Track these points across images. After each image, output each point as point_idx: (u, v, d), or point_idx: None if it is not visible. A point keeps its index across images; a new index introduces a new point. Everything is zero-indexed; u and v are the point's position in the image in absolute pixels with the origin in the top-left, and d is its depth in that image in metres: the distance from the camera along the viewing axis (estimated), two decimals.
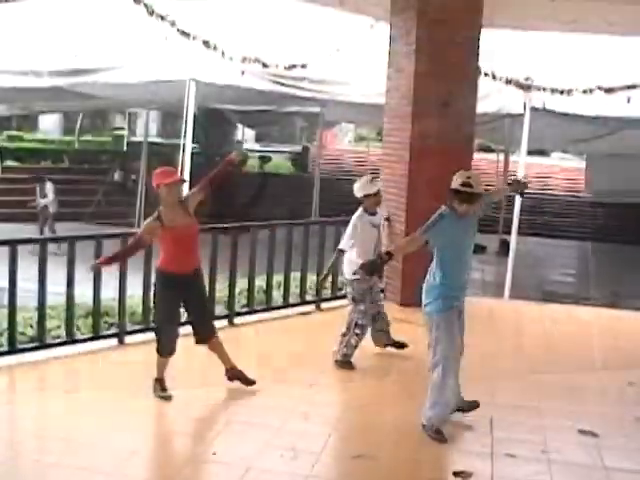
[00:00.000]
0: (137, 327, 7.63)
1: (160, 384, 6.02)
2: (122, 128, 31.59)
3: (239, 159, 6.26)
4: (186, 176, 12.36)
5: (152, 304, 6.54)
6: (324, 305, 9.30)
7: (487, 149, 25.59)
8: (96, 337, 7.33)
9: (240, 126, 30.42)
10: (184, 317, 6.42)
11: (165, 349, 6.04)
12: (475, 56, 9.36)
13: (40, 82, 12.79)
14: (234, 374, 6.23)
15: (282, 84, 12.36)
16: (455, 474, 4.96)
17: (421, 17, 9.08)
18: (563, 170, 29.77)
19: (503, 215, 18.53)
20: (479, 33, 9.29)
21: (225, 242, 8.19)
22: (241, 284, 8.65)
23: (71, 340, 7.20)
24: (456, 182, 5.49)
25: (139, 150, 21.81)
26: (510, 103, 12.95)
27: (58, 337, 7.20)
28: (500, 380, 6.90)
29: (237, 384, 6.22)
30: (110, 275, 7.13)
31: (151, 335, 6.46)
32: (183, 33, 10.45)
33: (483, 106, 12.58)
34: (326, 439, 5.41)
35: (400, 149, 9.47)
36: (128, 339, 7.44)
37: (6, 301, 6.78)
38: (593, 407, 6.39)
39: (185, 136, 12.55)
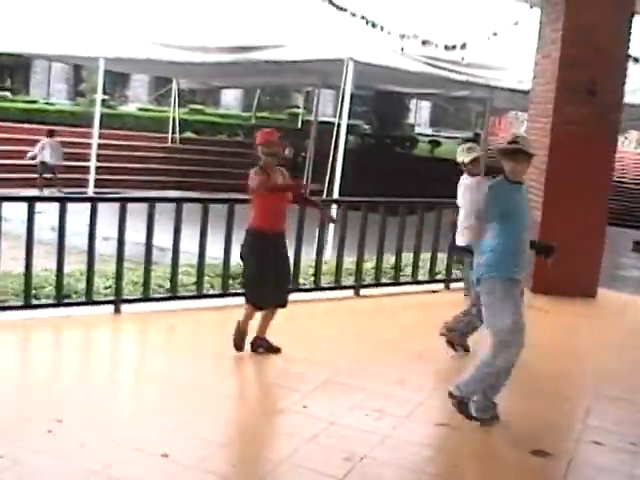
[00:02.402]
0: None
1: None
2: (298, 106, 32.44)
3: (324, 219, 7.03)
4: (340, 155, 12.75)
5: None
6: (453, 285, 9.44)
7: None
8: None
9: (414, 109, 30.70)
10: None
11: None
12: (625, 43, 9.14)
13: (207, 57, 13.52)
14: (260, 342, 6.45)
15: (438, 67, 12.39)
16: (533, 452, 5.05)
17: (570, 2, 8.97)
18: None
19: None
20: (631, 19, 9.07)
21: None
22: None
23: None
24: (504, 142, 5.44)
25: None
26: None
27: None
28: (613, 372, 6.86)
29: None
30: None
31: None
32: (340, 8, 10.73)
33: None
34: (415, 406, 5.62)
35: (542, 136, 9.41)
36: None
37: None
38: None
39: (341, 115, 12.93)
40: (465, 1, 11.77)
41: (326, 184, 12.48)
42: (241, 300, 6.68)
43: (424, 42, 10.93)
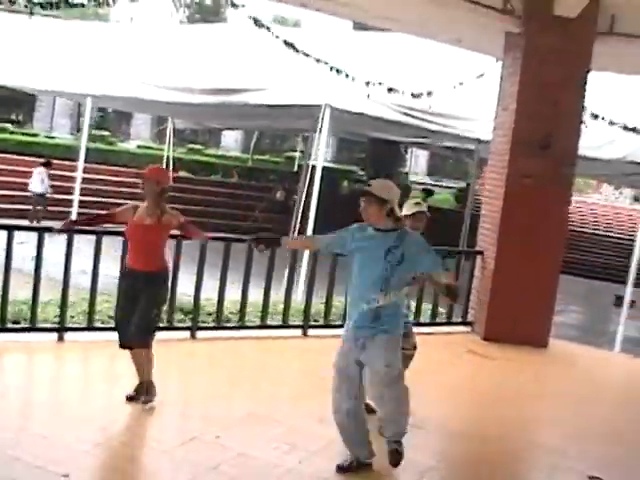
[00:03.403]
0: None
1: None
2: (295, 150, 32.82)
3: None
4: (314, 198, 13.00)
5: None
6: None
7: None
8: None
9: (410, 158, 31.02)
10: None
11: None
12: (580, 98, 9.39)
13: (192, 99, 13.82)
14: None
15: (408, 114, 12.62)
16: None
17: (528, 57, 9.24)
18: None
19: None
20: (586, 76, 9.33)
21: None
22: None
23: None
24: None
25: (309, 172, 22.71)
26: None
27: None
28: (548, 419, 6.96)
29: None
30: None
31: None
32: (306, 55, 11.01)
33: (608, 152, 12.40)
34: (328, 442, 5.73)
35: (498, 186, 9.62)
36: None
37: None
38: None
39: (317, 159, 13.20)
40: (429, 51, 12.03)
41: (296, 225, 12.70)
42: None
43: (390, 89, 11.15)
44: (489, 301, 9.64)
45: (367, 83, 11.02)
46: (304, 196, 16.19)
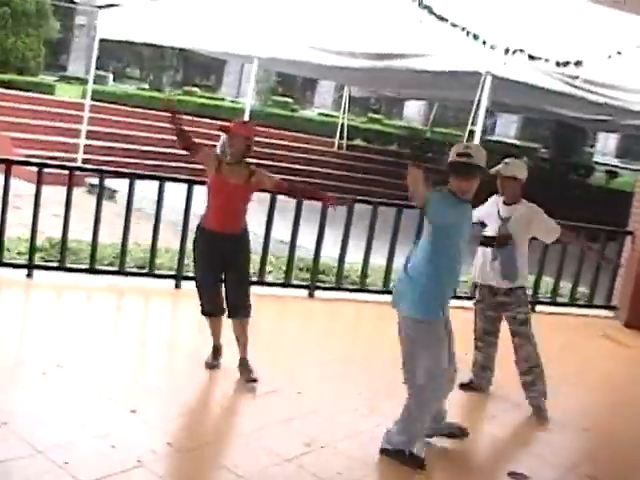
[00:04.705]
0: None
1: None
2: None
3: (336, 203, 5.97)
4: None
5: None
6: None
7: None
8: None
9: (598, 139, 29.62)
10: None
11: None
12: None
13: (353, 63, 13.75)
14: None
15: (574, 86, 11.88)
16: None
17: None
18: None
19: None
20: None
21: None
22: None
23: None
24: (453, 154, 4.63)
25: (486, 147, 22.21)
26: None
27: None
28: None
29: None
30: None
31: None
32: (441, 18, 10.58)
33: None
34: None
35: None
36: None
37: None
38: None
39: (472, 130, 12.79)
40: (578, 17, 11.09)
41: None
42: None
43: (531, 57, 10.45)
44: (634, 285, 9.01)
45: (506, 50, 10.42)
46: None
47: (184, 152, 5.60)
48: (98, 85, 21.41)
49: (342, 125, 23.69)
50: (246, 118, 16.35)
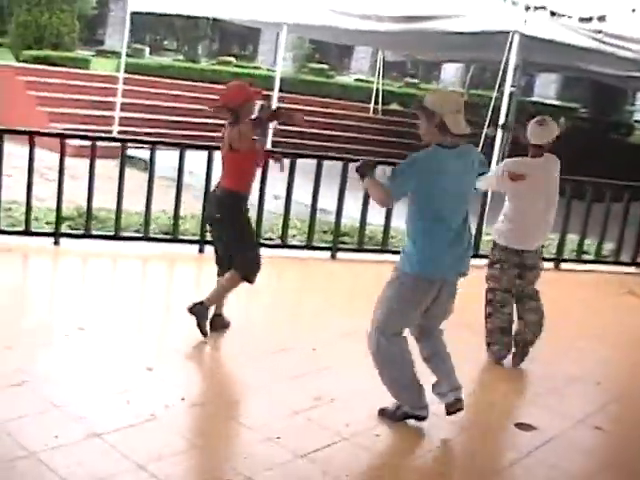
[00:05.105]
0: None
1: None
2: (514, 86, 31.73)
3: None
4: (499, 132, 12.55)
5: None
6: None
7: None
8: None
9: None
10: None
11: None
12: None
13: (380, 26, 13.71)
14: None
15: (607, 43, 11.70)
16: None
17: None
18: None
19: None
20: None
21: None
22: None
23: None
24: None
25: (528, 109, 21.98)
26: None
27: None
28: None
29: None
30: None
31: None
32: None
33: None
34: None
35: None
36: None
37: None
38: None
39: (501, 90, 12.68)
40: None
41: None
42: None
43: (553, 13, 10.33)
44: None
45: (527, 8, 10.31)
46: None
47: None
48: (134, 58, 21.62)
49: (377, 90, 23.62)
50: (276, 85, 16.48)
